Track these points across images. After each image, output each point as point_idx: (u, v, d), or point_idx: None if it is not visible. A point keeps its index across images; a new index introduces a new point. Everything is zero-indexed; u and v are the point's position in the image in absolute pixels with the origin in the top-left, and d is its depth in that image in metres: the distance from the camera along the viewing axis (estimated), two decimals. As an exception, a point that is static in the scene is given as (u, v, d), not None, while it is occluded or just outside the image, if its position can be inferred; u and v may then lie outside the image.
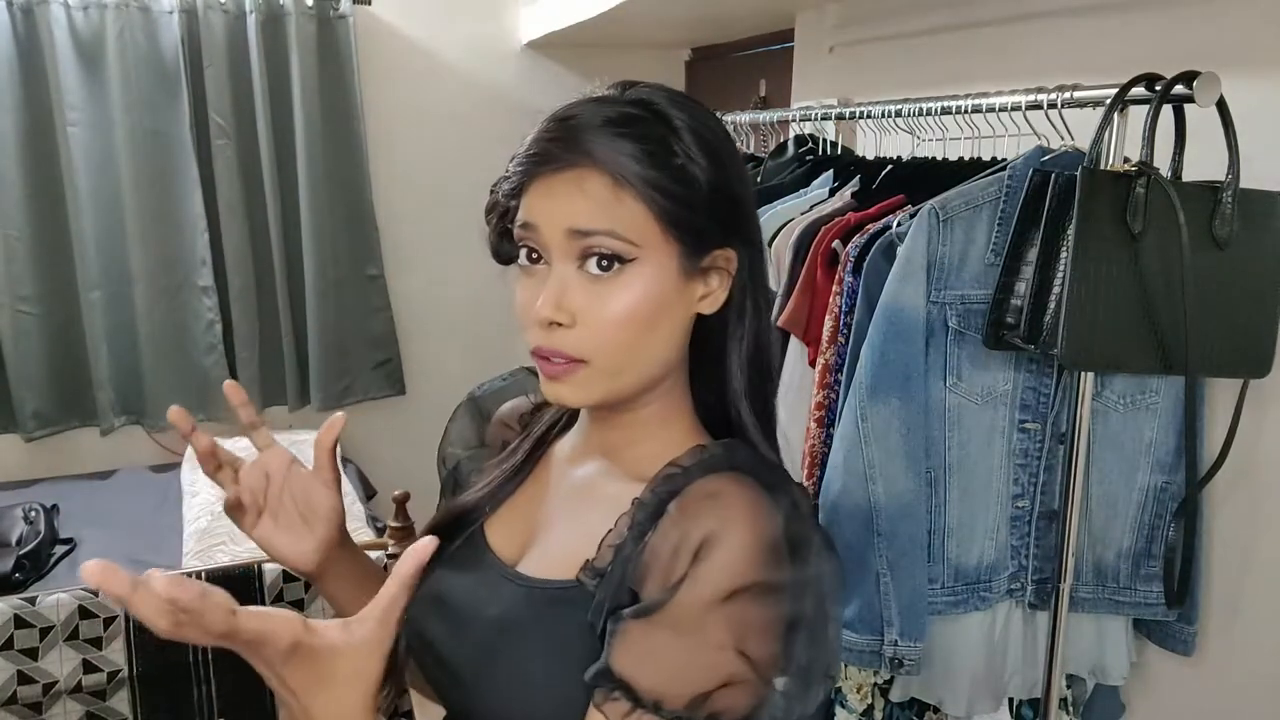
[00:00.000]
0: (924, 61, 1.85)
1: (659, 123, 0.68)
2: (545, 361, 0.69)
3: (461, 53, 3.13)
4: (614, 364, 0.68)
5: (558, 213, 0.66)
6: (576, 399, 0.70)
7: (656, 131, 0.67)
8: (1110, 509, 1.28)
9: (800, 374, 1.50)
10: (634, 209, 0.66)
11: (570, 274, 0.67)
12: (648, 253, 0.67)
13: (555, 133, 0.67)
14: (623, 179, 0.66)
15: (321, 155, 2.90)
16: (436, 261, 3.14)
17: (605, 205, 0.66)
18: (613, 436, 0.76)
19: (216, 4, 2.73)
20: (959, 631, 1.32)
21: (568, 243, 0.66)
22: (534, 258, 0.69)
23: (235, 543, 2.14)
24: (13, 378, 2.70)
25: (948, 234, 1.22)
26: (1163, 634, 1.34)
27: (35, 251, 2.68)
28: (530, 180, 0.68)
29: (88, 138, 2.67)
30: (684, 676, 0.60)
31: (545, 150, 0.67)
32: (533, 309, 0.67)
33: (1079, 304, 1.06)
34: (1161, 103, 1.04)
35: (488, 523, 0.80)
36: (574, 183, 0.66)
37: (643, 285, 0.67)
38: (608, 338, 0.67)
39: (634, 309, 0.67)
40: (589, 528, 0.70)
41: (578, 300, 0.67)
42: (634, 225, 0.66)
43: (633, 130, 0.67)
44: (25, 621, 1.76)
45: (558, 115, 0.69)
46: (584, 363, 0.67)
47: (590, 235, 0.66)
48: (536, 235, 0.68)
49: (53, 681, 1.78)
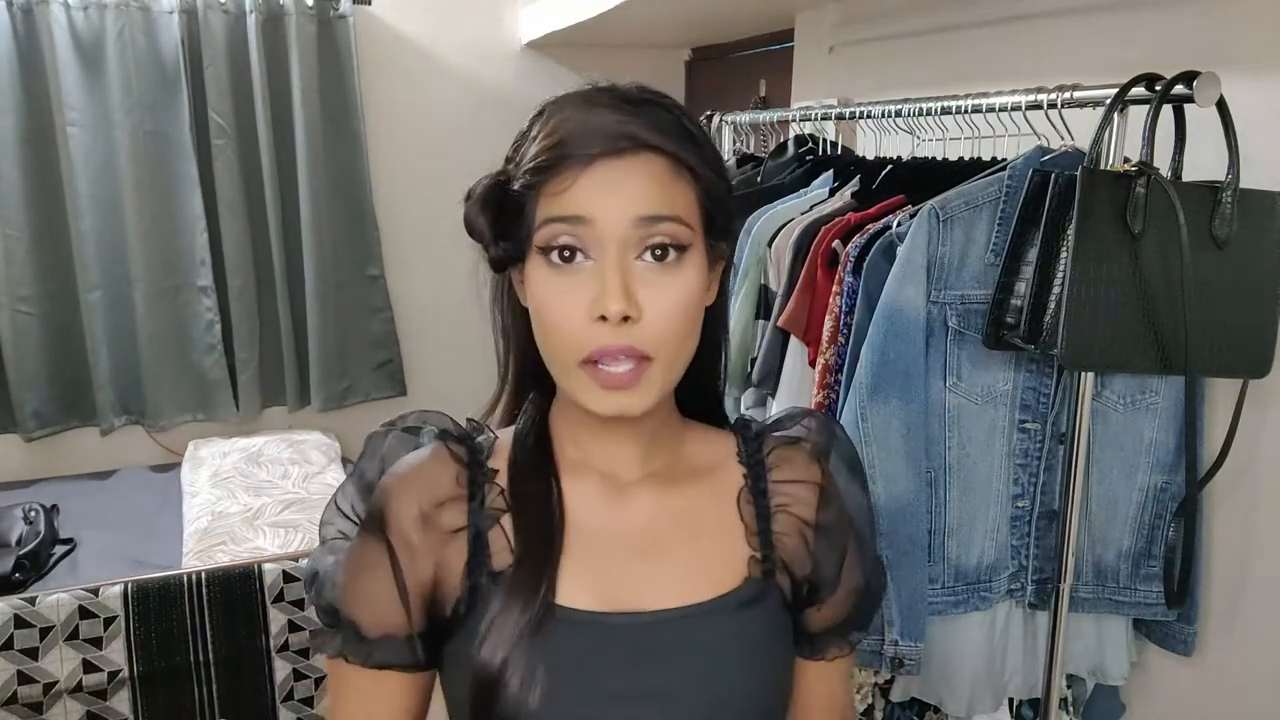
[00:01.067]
0: (924, 61, 1.85)
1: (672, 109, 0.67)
2: (603, 371, 0.63)
3: (461, 53, 3.13)
4: (673, 357, 0.66)
5: (621, 201, 0.63)
6: (642, 404, 0.65)
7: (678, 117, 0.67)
8: (1110, 509, 1.28)
9: (800, 374, 1.50)
10: (687, 194, 0.65)
11: (629, 262, 0.64)
12: (696, 237, 0.66)
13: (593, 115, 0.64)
14: (682, 162, 0.65)
15: (321, 155, 2.89)
16: (436, 262, 3.14)
17: (668, 190, 0.64)
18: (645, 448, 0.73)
19: (216, 4, 2.73)
20: (959, 631, 1.32)
21: (631, 231, 0.63)
22: (567, 255, 0.64)
23: (235, 543, 2.14)
24: (13, 378, 2.69)
25: (948, 234, 1.22)
26: (1163, 634, 1.34)
27: (35, 252, 2.68)
28: (576, 175, 0.63)
29: (88, 138, 2.67)
30: None
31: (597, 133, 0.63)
32: (580, 307, 0.63)
33: (1079, 304, 1.06)
34: (1161, 103, 1.04)
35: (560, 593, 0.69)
36: (639, 168, 0.63)
37: (695, 273, 0.66)
38: (673, 330, 0.64)
39: (691, 297, 0.65)
40: (706, 531, 0.73)
41: (641, 291, 0.63)
42: (689, 208, 0.65)
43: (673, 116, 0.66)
44: (25, 621, 1.76)
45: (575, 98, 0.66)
46: (650, 360, 0.64)
47: (659, 222, 0.63)
48: (589, 229, 0.63)
49: (53, 681, 1.78)
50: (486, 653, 0.66)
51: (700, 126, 0.69)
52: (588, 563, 0.70)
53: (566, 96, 0.67)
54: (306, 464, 2.61)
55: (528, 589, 0.67)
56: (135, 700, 1.86)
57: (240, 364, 2.91)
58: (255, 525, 2.22)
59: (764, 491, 0.75)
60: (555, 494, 0.72)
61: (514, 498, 0.71)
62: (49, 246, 2.69)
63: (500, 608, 0.67)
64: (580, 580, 0.69)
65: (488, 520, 0.70)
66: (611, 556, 0.71)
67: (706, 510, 0.74)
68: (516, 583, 0.68)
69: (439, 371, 3.24)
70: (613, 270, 0.62)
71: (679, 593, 0.70)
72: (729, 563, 0.73)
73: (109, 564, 2.11)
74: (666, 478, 0.74)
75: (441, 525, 0.70)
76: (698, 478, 0.75)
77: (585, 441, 0.73)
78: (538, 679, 0.65)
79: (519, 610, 0.67)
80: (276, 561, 1.95)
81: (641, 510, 0.73)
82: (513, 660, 0.65)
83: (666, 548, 0.72)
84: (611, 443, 0.73)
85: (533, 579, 0.68)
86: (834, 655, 0.79)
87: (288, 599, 1.93)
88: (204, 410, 2.89)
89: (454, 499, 0.71)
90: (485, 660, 0.66)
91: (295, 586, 1.93)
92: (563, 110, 0.66)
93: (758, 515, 0.74)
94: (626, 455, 0.73)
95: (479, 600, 0.69)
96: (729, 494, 0.75)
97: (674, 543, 0.72)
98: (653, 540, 0.72)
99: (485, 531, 0.70)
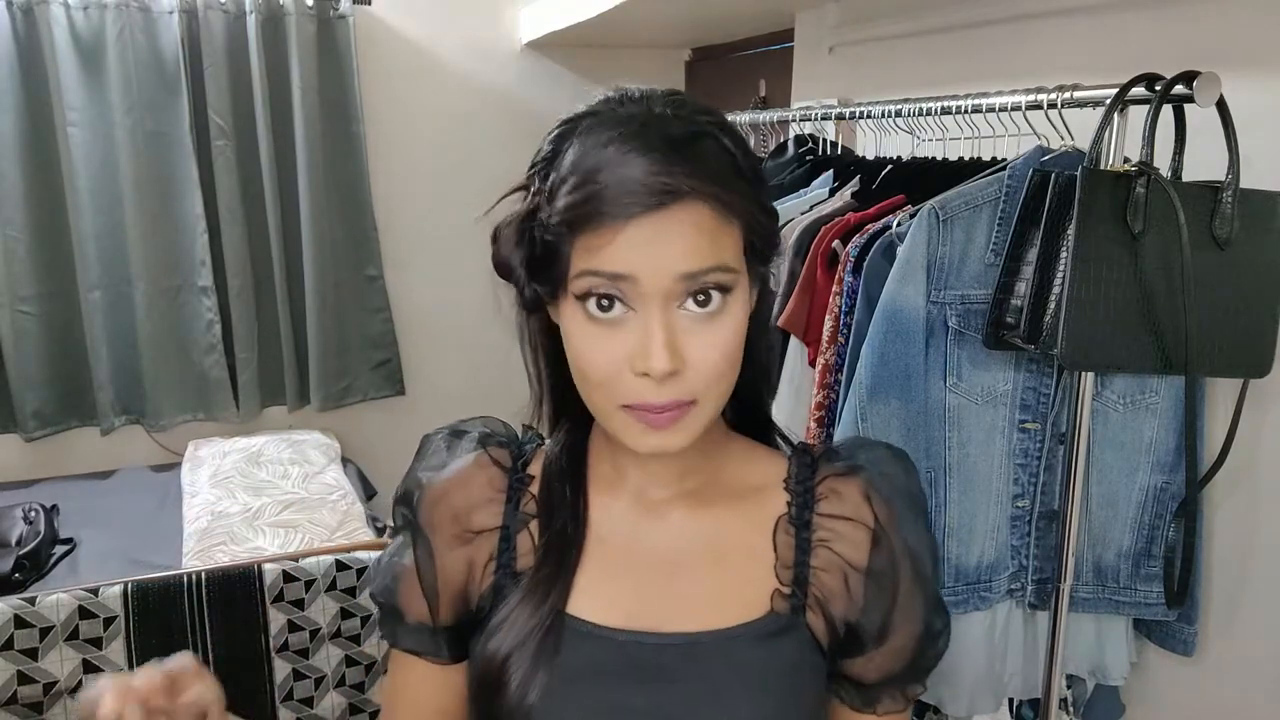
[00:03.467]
0: (924, 61, 1.85)
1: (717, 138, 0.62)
2: (647, 413, 0.62)
3: (461, 53, 3.13)
4: (719, 398, 0.64)
5: (664, 260, 0.59)
6: (679, 444, 0.63)
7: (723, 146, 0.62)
8: (1110, 509, 1.28)
9: (800, 374, 1.50)
10: (733, 235, 0.62)
11: (673, 316, 0.60)
12: (739, 276, 0.63)
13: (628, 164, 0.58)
14: (729, 205, 0.60)
15: (321, 155, 2.89)
16: (436, 262, 3.14)
17: (713, 238, 0.60)
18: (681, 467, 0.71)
19: (216, 4, 2.73)
20: (959, 631, 1.32)
21: (675, 285, 0.59)
22: (605, 305, 0.61)
23: (235, 543, 2.14)
24: (13, 378, 2.69)
25: (948, 234, 1.22)
26: (1163, 634, 1.34)
27: (35, 251, 2.68)
28: (616, 229, 0.58)
29: (88, 138, 2.67)
30: None
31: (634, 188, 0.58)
32: (619, 357, 0.61)
33: (1079, 304, 1.06)
34: (1161, 103, 1.04)
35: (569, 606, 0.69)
36: (684, 220, 0.59)
37: (740, 312, 0.63)
38: (719, 375, 0.62)
39: (735, 339, 0.63)
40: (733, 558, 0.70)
41: (686, 343, 0.61)
42: (734, 252, 0.62)
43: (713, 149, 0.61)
44: (25, 621, 1.76)
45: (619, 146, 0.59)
46: (693, 404, 0.62)
47: (702, 275, 0.60)
48: (630, 285, 0.59)
49: (53, 681, 1.78)
50: (492, 648, 0.68)
51: (743, 146, 0.64)
52: (607, 577, 0.70)
53: (597, 124, 0.61)
54: (306, 464, 2.60)
55: (541, 593, 0.69)
56: (135, 700, 1.86)
57: (240, 364, 2.91)
58: (255, 525, 2.22)
59: (808, 523, 0.71)
60: (582, 505, 0.72)
61: (542, 504, 0.72)
62: (49, 246, 2.69)
63: (513, 607, 0.69)
64: (596, 593, 0.70)
65: (519, 522, 0.72)
66: (632, 574, 0.71)
67: (738, 535, 0.71)
68: (532, 585, 0.69)
69: (438, 371, 3.24)
70: (657, 327, 0.59)
71: (695, 618, 0.69)
72: (754, 592, 0.70)
73: (109, 564, 2.11)
74: (701, 498, 0.72)
75: (474, 525, 0.73)
76: (736, 500, 0.72)
77: (621, 458, 0.72)
78: (537, 682, 0.66)
79: (529, 612, 0.68)
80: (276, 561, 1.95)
81: (669, 530, 0.71)
82: (515, 659, 0.67)
83: (690, 570, 0.70)
84: (648, 462, 0.71)
85: (547, 584, 0.69)
86: (887, 710, 0.73)
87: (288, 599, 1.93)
88: (204, 410, 2.89)
89: (490, 501, 0.73)
90: (490, 655, 0.68)
91: (295, 586, 1.93)
92: (594, 150, 0.59)
93: (796, 547, 0.70)
94: (661, 474, 0.72)
95: (500, 598, 0.71)
96: (767, 520, 0.71)
97: (698, 566, 0.70)
98: (677, 562, 0.71)
99: (515, 533, 0.72)
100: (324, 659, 1.96)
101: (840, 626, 0.71)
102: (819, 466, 0.73)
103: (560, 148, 0.62)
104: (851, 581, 0.70)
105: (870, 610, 0.70)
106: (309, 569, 1.94)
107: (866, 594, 0.70)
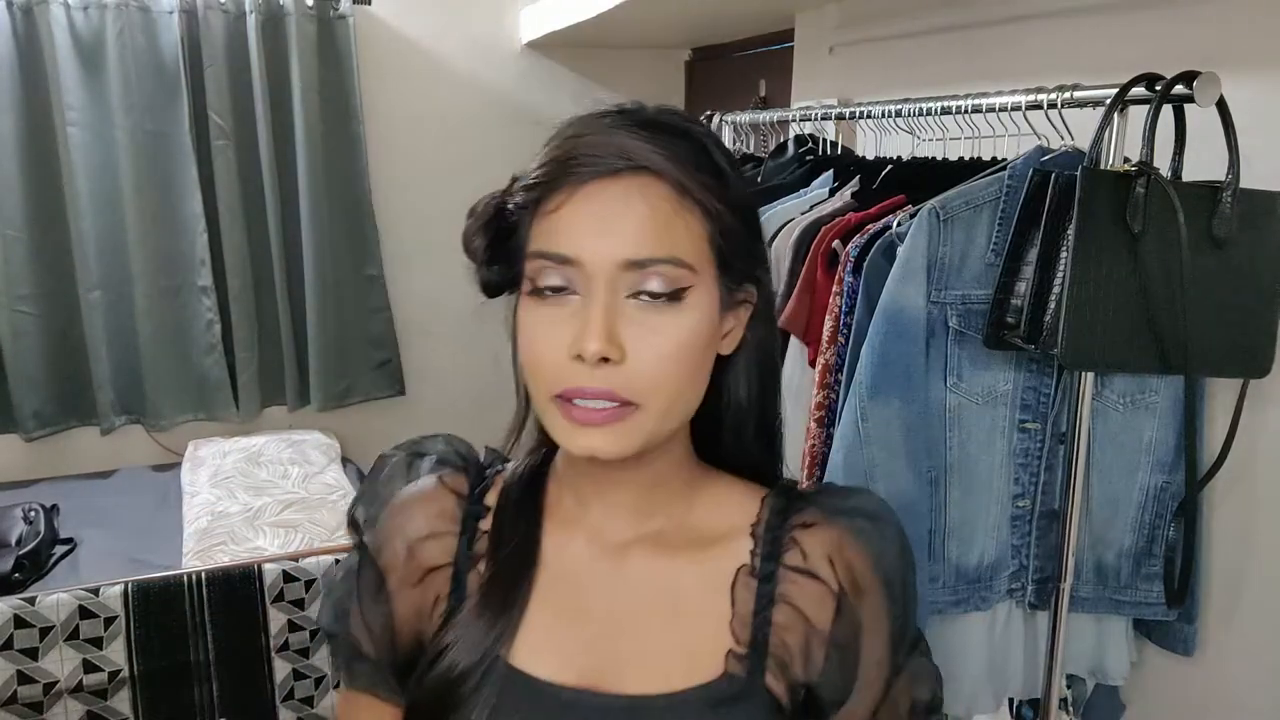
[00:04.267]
0: (924, 61, 1.86)
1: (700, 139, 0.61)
2: (578, 406, 0.58)
3: (461, 53, 3.13)
4: (664, 406, 0.59)
5: (609, 242, 0.57)
6: (615, 449, 0.58)
7: (704, 147, 0.61)
8: (1110, 509, 1.28)
9: (800, 374, 1.50)
10: (693, 227, 0.58)
11: (617, 302, 0.58)
12: (700, 279, 0.59)
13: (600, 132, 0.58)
14: (687, 188, 0.58)
15: (321, 155, 2.89)
16: (436, 261, 3.14)
17: (666, 222, 0.57)
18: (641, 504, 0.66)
19: (216, 4, 2.73)
20: (959, 631, 1.32)
21: (620, 274, 0.57)
22: (554, 289, 0.59)
23: (235, 543, 2.14)
24: (13, 378, 2.69)
25: (948, 234, 1.22)
26: (1163, 634, 1.34)
27: (35, 251, 2.68)
28: (568, 196, 0.57)
29: (88, 138, 2.67)
30: None
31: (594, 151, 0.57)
32: (561, 344, 0.58)
33: (1079, 304, 1.06)
34: (1161, 103, 1.04)
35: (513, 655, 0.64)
36: (635, 194, 0.57)
37: (697, 316, 0.59)
38: (664, 376, 0.58)
39: (690, 342, 0.59)
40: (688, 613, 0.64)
41: (628, 332, 0.57)
42: (692, 247, 0.58)
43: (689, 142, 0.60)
44: (25, 621, 1.76)
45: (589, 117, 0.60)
46: (634, 406, 0.58)
47: (650, 264, 0.57)
48: (576, 270, 0.58)
49: (53, 681, 1.78)
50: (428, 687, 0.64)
51: (730, 159, 0.62)
52: (555, 624, 0.65)
53: (586, 114, 0.62)
54: (306, 464, 2.61)
55: (477, 637, 0.64)
56: (135, 700, 1.86)
57: (240, 364, 2.91)
58: (255, 525, 2.22)
59: (771, 575, 0.65)
60: (534, 543, 0.67)
61: (493, 541, 0.68)
62: (49, 246, 2.69)
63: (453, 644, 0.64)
64: (541, 643, 0.65)
65: (469, 560, 0.68)
66: (581, 624, 0.65)
67: (697, 587, 0.65)
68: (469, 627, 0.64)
69: (438, 371, 3.24)
70: (596, 310, 0.57)
71: (645, 678, 0.63)
72: (709, 651, 0.64)
73: (109, 564, 2.11)
74: (663, 543, 0.66)
75: (426, 560, 0.68)
76: (699, 548, 0.66)
77: (585, 492, 0.67)
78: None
79: (466, 658, 0.63)
80: (276, 561, 1.95)
81: (625, 578, 0.66)
82: (453, 711, 0.63)
83: (643, 624, 0.65)
84: (608, 493, 0.66)
85: (485, 634, 0.64)
86: None
87: (288, 599, 1.93)
88: (204, 410, 2.89)
89: (444, 534, 0.69)
90: (421, 700, 0.65)
91: (295, 586, 1.93)
92: (573, 127, 0.60)
93: (757, 599, 0.64)
94: (620, 510, 0.66)
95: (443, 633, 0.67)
96: (728, 571, 0.65)
97: (652, 620, 0.65)
98: (630, 613, 0.65)
99: (465, 572, 0.67)
100: (324, 659, 1.97)
101: (799, 691, 0.65)
102: (792, 512, 0.67)
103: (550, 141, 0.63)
104: (813, 643, 0.64)
105: (829, 679, 0.65)
106: (309, 569, 1.94)
107: (827, 661, 0.64)
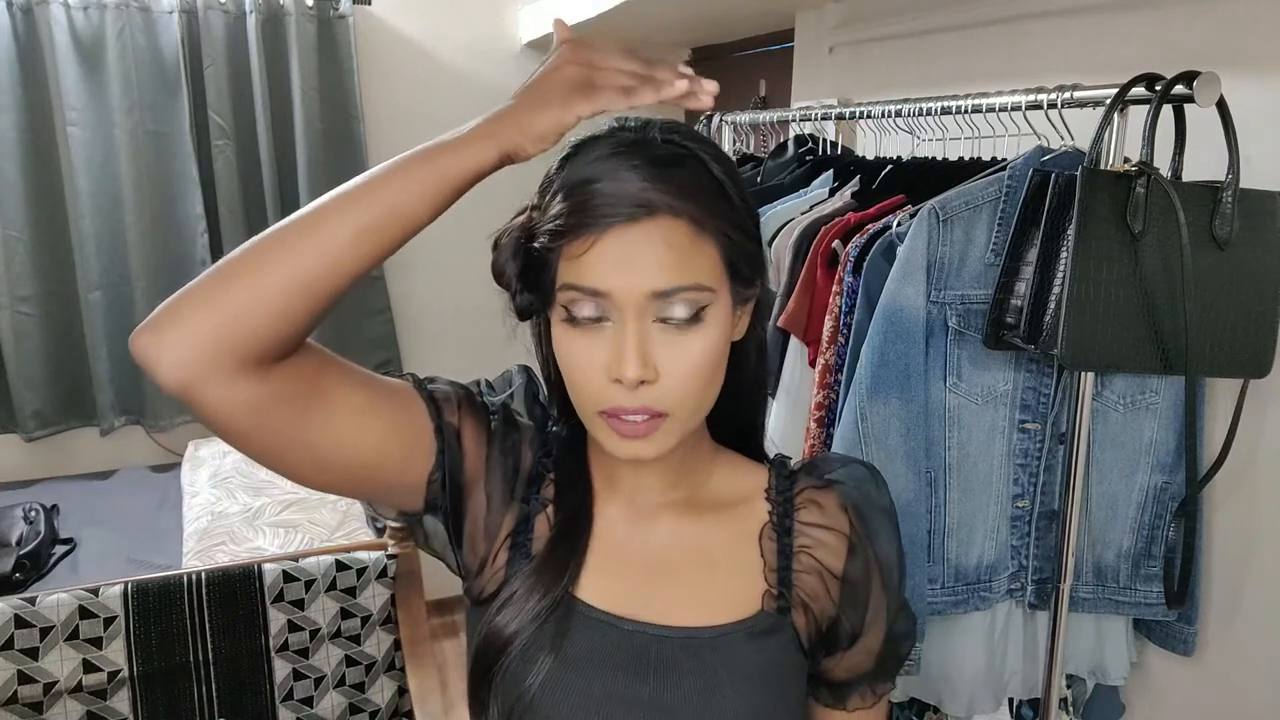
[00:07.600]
0: (924, 61, 1.85)
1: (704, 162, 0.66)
2: (621, 421, 0.66)
3: (461, 53, 3.13)
4: (693, 409, 0.68)
5: (636, 276, 0.63)
6: (655, 453, 0.67)
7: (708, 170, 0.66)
8: (1110, 509, 1.28)
9: (800, 374, 1.50)
10: (708, 254, 0.65)
11: (646, 327, 0.64)
12: (718, 295, 0.66)
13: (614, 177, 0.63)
14: (703, 223, 0.64)
15: (321, 155, 2.89)
16: (436, 262, 3.14)
17: (686, 255, 0.63)
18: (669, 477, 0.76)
19: (216, 4, 2.73)
20: (959, 631, 1.32)
21: (647, 304, 0.64)
22: (587, 316, 0.65)
23: (235, 543, 2.14)
24: (13, 378, 2.69)
25: (948, 234, 1.22)
26: (1163, 634, 1.34)
27: (35, 251, 2.68)
28: (593, 241, 0.63)
29: (88, 138, 2.67)
30: None
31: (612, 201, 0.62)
32: (600, 366, 0.65)
33: (1079, 304, 1.06)
34: (1161, 103, 1.04)
35: (579, 589, 0.73)
36: (655, 235, 0.63)
37: (716, 329, 0.66)
38: (692, 387, 0.66)
39: (712, 352, 0.66)
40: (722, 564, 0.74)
41: (659, 354, 0.65)
42: (709, 270, 0.65)
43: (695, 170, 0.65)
44: (25, 621, 1.76)
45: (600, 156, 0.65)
46: (666, 415, 0.66)
47: (674, 293, 0.63)
48: (606, 300, 0.64)
49: (53, 681, 1.78)
50: (499, 624, 0.71)
51: (733, 174, 0.68)
52: (607, 571, 0.74)
53: (594, 144, 0.67)
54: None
55: (553, 574, 0.72)
56: (135, 700, 1.86)
57: (240, 364, 2.91)
58: (255, 525, 2.22)
59: (789, 530, 0.76)
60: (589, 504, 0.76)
61: (557, 491, 0.76)
62: (49, 246, 2.69)
63: (523, 586, 0.71)
64: (600, 583, 0.73)
65: (538, 505, 0.76)
66: (629, 570, 0.74)
67: (725, 542, 0.76)
68: (542, 566, 0.72)
69: (438, 372, 3.20)
70: (630, 337, 0.63)
71: (690, 614, 0.72)
72: (744, 594, 0.74)
73: (109, 564, 2.11)
74: (689, 507, 0.76)
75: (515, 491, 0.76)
76: (721, 510, 0.77)
77: (618, 466, 0.76)
78: (541, 666, 0.69)
79: (540, 594, 0.71)
80: (276, 561, 1.95)
81: (660, 535, 0.76)
82: (521, 637, 0.69)
83: (681, 572, 0.74)
84: (640, 471, 0.75)
85: (559, 566, 0.72)
86: (856, 706, 0.79)
87: (287, 599, 1.93)
88: (204, 410, 2.89)
89: (525, 475, 0.77)
90: (494, 632, 0.70)
91: (295, 586, 1.93)
92: (585, 166, 0.65)
93: (779, 552, 0.75)
94: (650, 483, 0.76)
95: (510, 575, 0.73)
96: (751, 529, 0.76)
97: (688, 569, 0.74)
98: (668, 564, 0.75)
99: (533, 515, 0.75)
100: (324, 659, 1.97)
101: (821, 627, 0.76)
102: (798, 479, 0.78)
103: (562, 168, 0.68)
104: (829, 585, 0.75)
105: (846, 615, 0.76)
106: (309, 569, 1.94)
107: (842, 598, 0.75)
